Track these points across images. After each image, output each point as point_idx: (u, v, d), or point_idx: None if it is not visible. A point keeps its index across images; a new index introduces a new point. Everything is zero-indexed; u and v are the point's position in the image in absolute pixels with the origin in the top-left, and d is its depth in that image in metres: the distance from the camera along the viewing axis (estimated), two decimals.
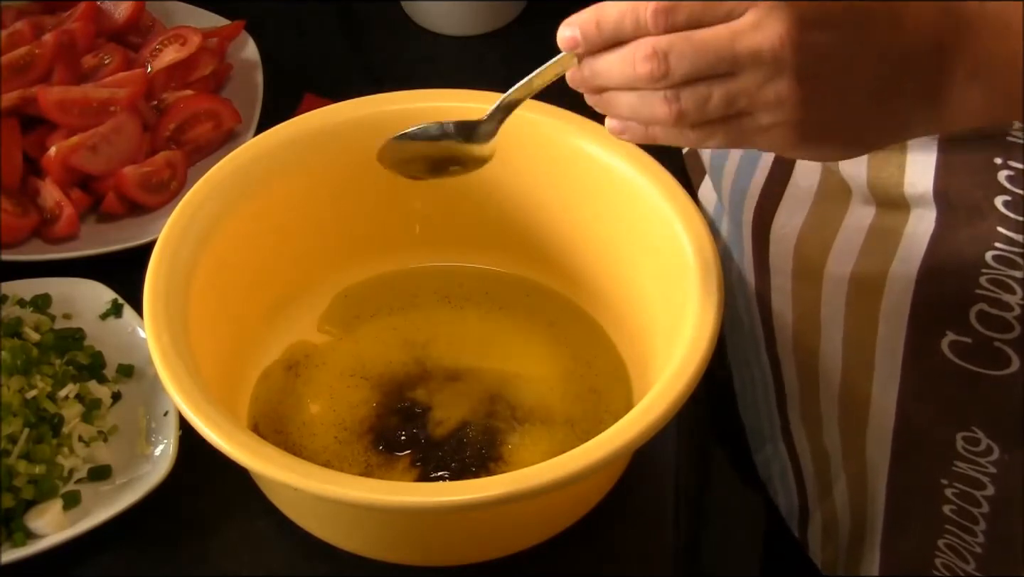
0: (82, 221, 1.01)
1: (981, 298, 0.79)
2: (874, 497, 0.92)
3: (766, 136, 0.66)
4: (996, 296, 0.78)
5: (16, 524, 0.82)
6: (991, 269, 0.78)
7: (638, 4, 0.65)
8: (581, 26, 0.67)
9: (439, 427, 0.86)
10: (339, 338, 0.92)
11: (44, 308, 0.93)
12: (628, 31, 0.65)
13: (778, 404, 0.96)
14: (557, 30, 0.69)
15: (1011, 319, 0.79)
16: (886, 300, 0.82)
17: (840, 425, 0.91)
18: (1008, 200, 0.77)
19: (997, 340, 0.80)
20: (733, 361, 1.01)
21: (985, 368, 0.81)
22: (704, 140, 0.67)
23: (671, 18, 0.64)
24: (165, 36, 1.09)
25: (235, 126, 1.06)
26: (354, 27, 1.21)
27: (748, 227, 0.87)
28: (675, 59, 0.64)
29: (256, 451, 0.74)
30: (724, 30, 0.64)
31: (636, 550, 0.84)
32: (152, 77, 1.07)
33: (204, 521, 0.85)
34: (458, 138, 0.76)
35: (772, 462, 1.02)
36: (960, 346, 0.81)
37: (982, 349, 0.81)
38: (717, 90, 0.64)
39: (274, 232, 0.89)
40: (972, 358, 0.81)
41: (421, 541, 0.82)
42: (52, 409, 0.86)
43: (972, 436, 0.84)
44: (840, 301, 0.85)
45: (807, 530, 1.01)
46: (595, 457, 0.73)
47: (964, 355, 0.81)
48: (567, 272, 0.93)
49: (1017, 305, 0.78)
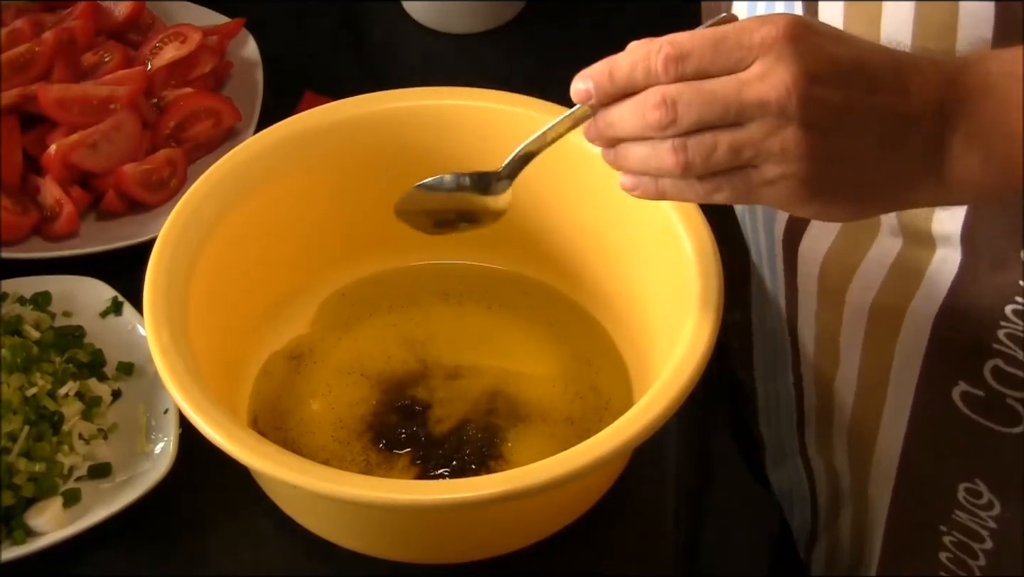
0: (82, 219, 1.01)
1: (997, 353, 0.79)
2: (874, 530, 0.92)
3: (773, 189, 0.66)
4: (1012, 353, 0.78)
5: (16, 522, 0.82)
6: (1010, 323, 0.78)
7: (650, 51, 0.65)
8: (594, 78, 0.68)
9: (439, 425, 0.86)
10: (339, 336, 0.92)
11: (44, 306, 0.93)
12: (640, 81, 0.66)
13: (797, 423, 0.96)
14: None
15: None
16: (903, 336, 0.83)
17: (849, 454, 0.91)
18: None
19: (1010, 397, 0.80)
20: (760, 374, 1.01)
21: (995, 423, 0.81)
22: (712, 193, 0.67)
23: (681, 67, 0.65)
24: (165, 34, 1.09)
25: (235, 124, 1.06)
26: (354, 26, 1.21)
27: (779, 244, 0.88)
28: (683, 107, 0.65)
29: (256, 449, 0.74)
30: (732, 80, 0.64)
31: (636, 549, 0.85)
32: (152, 75, 1.07)
33: (204, 519, 0.85)
34: (473, 190, 0.76)
35: (790, 480, 1.02)
36: (971, 398, 0.81)
37: (994, 404, 0.81)
38: (723, 140, 0.65)
39: (274, 229, 0.89)
40: (983, 412, 0.81)
41: (421, 539, 0.82)
42: (52, 407, 0.86)
43: (974, 488, 0.84)
44: (859, 330, 0.85)
45: (812, 553, 1.01)
46: (595, 455, 0.73)
47: (975, 407, 0.81)
48: (567, 270, 0.93)
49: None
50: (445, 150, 0.91)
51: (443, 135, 0.90)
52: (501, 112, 0.89)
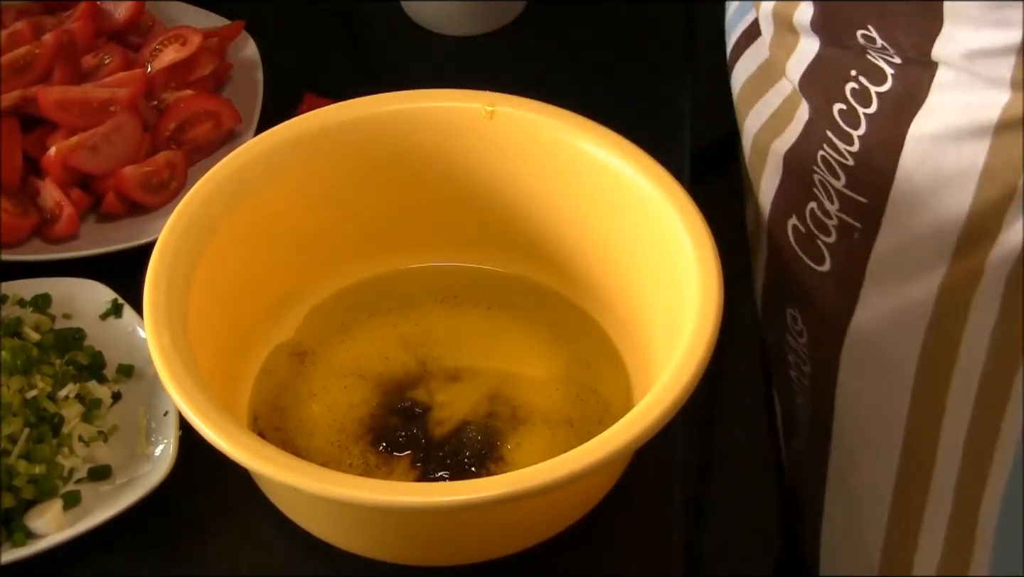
0: (82, 221, 1.01)
1: (814, 196, 0.86)
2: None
3: None
4: (821, 200, 0.86)
5: (16, 524, 0.82)
6: (819, 170, 0.85)
7: None
8: None
9: (439, 427, 0.86)
10: (338, 338, 0.92)
11: (44, 308, 0.93)
12: None
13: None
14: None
15: (830, 226, 0.86)
16: (767, 168, 0.91)
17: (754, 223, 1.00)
18: (843, 108, 0.83)
19: (818, 238, 0.88)
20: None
21: (808, 259, 0.90)
22: None
23: None
24: (165, 36, 1.09)
25: (235, 126, 1.06)
26: (354, 27, 1.21)
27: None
28: None
29: (256, 451, 0.74)
30: None
31: (636, 550, 0.85)
32: (152, 77, 1.07)
33: (204, 521, 0.85)
34: None
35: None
36: (797, 232, 0.89)
37: (809, 241, 0.89)
38: None
39: (274, 231, 0.89)
40: (802, 247, 0.90)
41: (421, 541, 0.82)
42: (52, 409, 0.86)
43: (793, 315, 0.94)
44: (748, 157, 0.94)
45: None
46: (595, 457, 0.73)
47: (799, 241, 0.90)
48: (567, 272, 0.93)
49: (834, 214, 0.85)
50: (446, 152, 0.91)
51: (444, 137, 0.90)
52: (501, 114, 0.89)
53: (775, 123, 0.90)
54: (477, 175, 0.92)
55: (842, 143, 0.84)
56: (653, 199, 0.85)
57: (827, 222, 0.86)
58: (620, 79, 1.13)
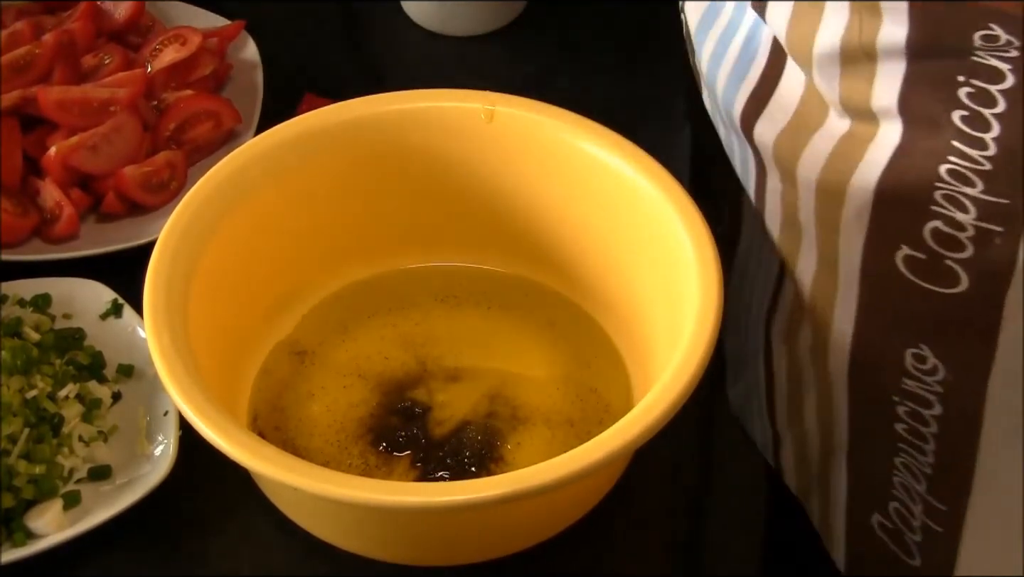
0: (82, 221, 1.01)
1: (936, 215, 0.80)
2: (838, 414, 0.93)
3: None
4: (950, 214, 0.80)
5: (16, 524, 0.82)
6: (944, 184, 0.79)
7: None
8: None
9: (439, 427, 0.86)
10: (338, 337, 0.92)
11: (44, 308, 0.93)
12: None
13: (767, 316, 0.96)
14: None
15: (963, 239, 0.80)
16: (847, 210, 0.83)
17: (813, 337, 0.92)
18: (966, 115, 0.78)
19: (948, 258, 0.81)
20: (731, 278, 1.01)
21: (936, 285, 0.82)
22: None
23: None
24: (165, 36, 1.09)
25: (235, 126, 1.06)
26: (354, 28, 1.21)
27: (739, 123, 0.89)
28: None
29: (256, 451, 0.74)
30: None
31: (636, 550, 0.85)
32: (152, 77, 1.07)
33: (204, 521, 0.85)
34: None
35: (747, 389, 1.02)
36: (914, 261, 0.82)
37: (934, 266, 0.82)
38: None
39: (274, 231, 0.89)
40: (924, 275, 0.82)
41: (421, 541, 0.82)
42: (52, 409, 0.86)
43: (920, 353, 0.85)
44: (811, 208, 0.86)
45: (780, 456, 1.02)
46: (595, 457, 0.73)
47: (917, 271, 0.82)
48: (567, 272, 0.93)
49: (970, 225, 0.79)
50: (446, 152, 0.91)
51: (444, 137, 0.90)
52: (501, 114, 0.89)
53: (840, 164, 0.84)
54: (477, 175, 0.92)
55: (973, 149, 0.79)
56: (653, 199, 0.85)
57: (959, 235, 0.80)
58: (620, 79, 1.13)
